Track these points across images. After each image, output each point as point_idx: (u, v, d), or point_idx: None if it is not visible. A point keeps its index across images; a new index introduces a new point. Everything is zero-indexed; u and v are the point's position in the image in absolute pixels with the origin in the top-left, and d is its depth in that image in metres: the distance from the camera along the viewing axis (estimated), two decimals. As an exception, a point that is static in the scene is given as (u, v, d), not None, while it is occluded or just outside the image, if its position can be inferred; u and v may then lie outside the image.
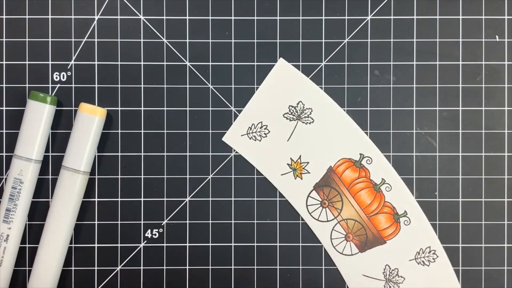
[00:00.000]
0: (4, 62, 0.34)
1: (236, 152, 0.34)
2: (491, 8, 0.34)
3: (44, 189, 0.34)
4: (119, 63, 0.34)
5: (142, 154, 0.34)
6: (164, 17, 0.34)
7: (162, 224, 0.34)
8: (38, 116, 0.32)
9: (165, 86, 0.34)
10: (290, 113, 0.34)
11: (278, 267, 0.34)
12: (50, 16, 0.34)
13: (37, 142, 0.33)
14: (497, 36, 0.34)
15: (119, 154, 0.34)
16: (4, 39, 0.34)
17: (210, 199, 0.34)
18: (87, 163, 0.33)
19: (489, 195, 0.34)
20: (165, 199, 0.34)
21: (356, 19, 0.34)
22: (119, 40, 0.34)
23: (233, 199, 0.34)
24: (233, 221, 0.34)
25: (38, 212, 0.34)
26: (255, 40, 0.34)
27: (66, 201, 0.32)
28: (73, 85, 0.34)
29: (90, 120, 0.32)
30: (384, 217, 0.34)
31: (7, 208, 0.32)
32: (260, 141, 0.34)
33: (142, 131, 0.34)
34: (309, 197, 0.34)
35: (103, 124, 0.33)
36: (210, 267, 0.34)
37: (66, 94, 0.34)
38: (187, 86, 0.34)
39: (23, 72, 0.34)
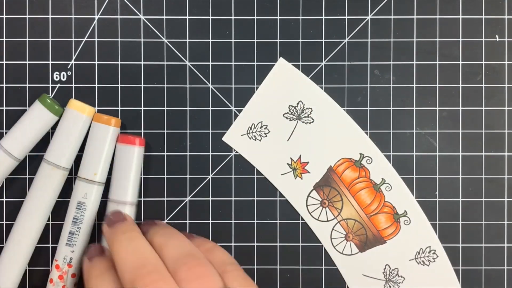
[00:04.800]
0: (4, 62, 0.34)
1: (236, 152, 0.34)
2: (491, 8, 0.34)
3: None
4: (119, 63, 0.34)
5: (142, 154, 0.34)
6: (164, 17, 0.34)
7: (162, 224, 0.34)
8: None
9: (165, 86, 0.34)
10: (290, 113, 0.34)
11: (278, 267, 0.34)
12: (50, 16, 0.34)
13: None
14: (497, 36, 0.34)
15: (119, 154, 0.34)
16: (4, 39, 0.34)
17: (210, 199, 0.34)
18: (69, 160, 0.33)
19: (489, 195, 0.34)
20: (165, 199, 0.34)
21: (356, 19, 0.34)
22: (119, 40, 0.34)
23: (233, 199, 0.34)
24: (233, 221, 0.34)
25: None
26: (255, 40, 0.34)
27: (43, 196, 0.32)
28: (73, 85, 0.34)
29: (77, 118, 0.32)
30: (384, 217, 0.34)
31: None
32: (260, 141, 0.34)
33: (142, 131, 0.34)
34: (309, 197, 0.34)
35: (89, 123, 0.33)
36: (210, 267, 0.34)
37: (66, 94, 0.34)
38: (187, 86, 0.34)
39: (23, 72, 0.34)
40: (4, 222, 0.34)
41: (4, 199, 0.34)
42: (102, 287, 0.29)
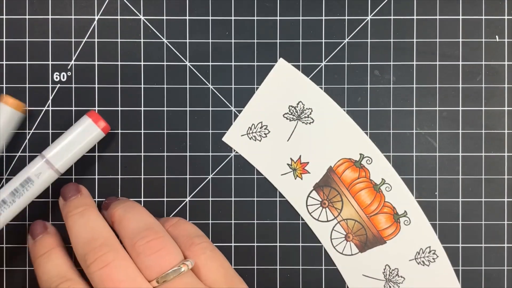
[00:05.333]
0: (4, 62, 0.34)
1: (236, 152, 0.34)
2: (491, 8, 0.34)
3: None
4: (119, 63, 0.34)
5: (142, 154, 0.34)
6: (164, 17, 0.34)
7: (162, 224, 0.34)
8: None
9: (165, 86, 0.34)
10: (290, 113, 0.34)
11: (278, 267, 0.34)
12: (50, 16, 0.34)
13: None
14: (497, 36, 0.34)
15: (119, 154, 0.34)
16: (4, 39, 0.34)
17: (210, 199, 0.34)
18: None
19: (489, 195, 0.34)
20: (165, 199, 0.34)
21: (356, 19, 0.34)
22: (119, 40, 0.34)
23: (233, 199, 0.34)
24: (233, 221, 0.34)
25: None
26: (255, 40, 0.34)
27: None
28: (73, 85, 0.34)
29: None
30: (384, 217, 0.34)
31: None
32: (260, 141, 0.34)
33: (142, 131, 0.34)
34: (309, 197, 0.34)
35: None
36: (210, 267, 0.34)
37: (66, 94, 0.34)
38: (187, 86, 0.34)
39: (23, 72, 0.34)
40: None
41: None
42: (47, 267, 0.29)
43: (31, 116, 0.34)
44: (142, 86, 0.34)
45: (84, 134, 0.32)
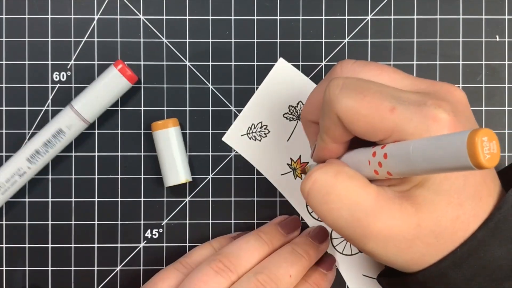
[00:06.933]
0: (4, 62, 0.34)
1: (236, 152, 0.34)
2: (491, 8, 0.34)
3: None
4: (119, 63, 0.34)
5: (142, 154, 0.34)
6: (164, 17, 0.34)
7: (162, 224, 0.34)
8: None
9: (165, 86, 0.34)
10: (290, 113, 0.34)
11: (278, 267, 0.34)
12: (50, 16, 0.34)
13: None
14: (497, 36, 0.34)
15: (119, 154, 0.34)
16: (4, 39, 0.34)
17: (210, 199, 0.34)
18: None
19: (489, 195, 0.34)
20: (165, 199, 0.34)
21: (356, 19, 0.34)
22: (119, 40, 0.34)
23: (233, 199, 0.34)
24: (233, 221, 0.34)
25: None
26: (255, 40, 0.34)
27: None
28: (73, 85, 0.34)
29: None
30: (384, 217, 0.34)
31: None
32: (260, 141, 0.34)
33: (142, 131, 0.34)
34: (309, 197, 0.34)
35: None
36: (210, 267, 0.34)
37: (66, 94, 0.34)
38: (187, 86, 0.34)
39: (23, 72, 0.34)
40: (4, 223, 0.34)
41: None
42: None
43: (31, 116, 0.34)
44: (142, 86, 0.34)
45: (111, 84, 0.32)
